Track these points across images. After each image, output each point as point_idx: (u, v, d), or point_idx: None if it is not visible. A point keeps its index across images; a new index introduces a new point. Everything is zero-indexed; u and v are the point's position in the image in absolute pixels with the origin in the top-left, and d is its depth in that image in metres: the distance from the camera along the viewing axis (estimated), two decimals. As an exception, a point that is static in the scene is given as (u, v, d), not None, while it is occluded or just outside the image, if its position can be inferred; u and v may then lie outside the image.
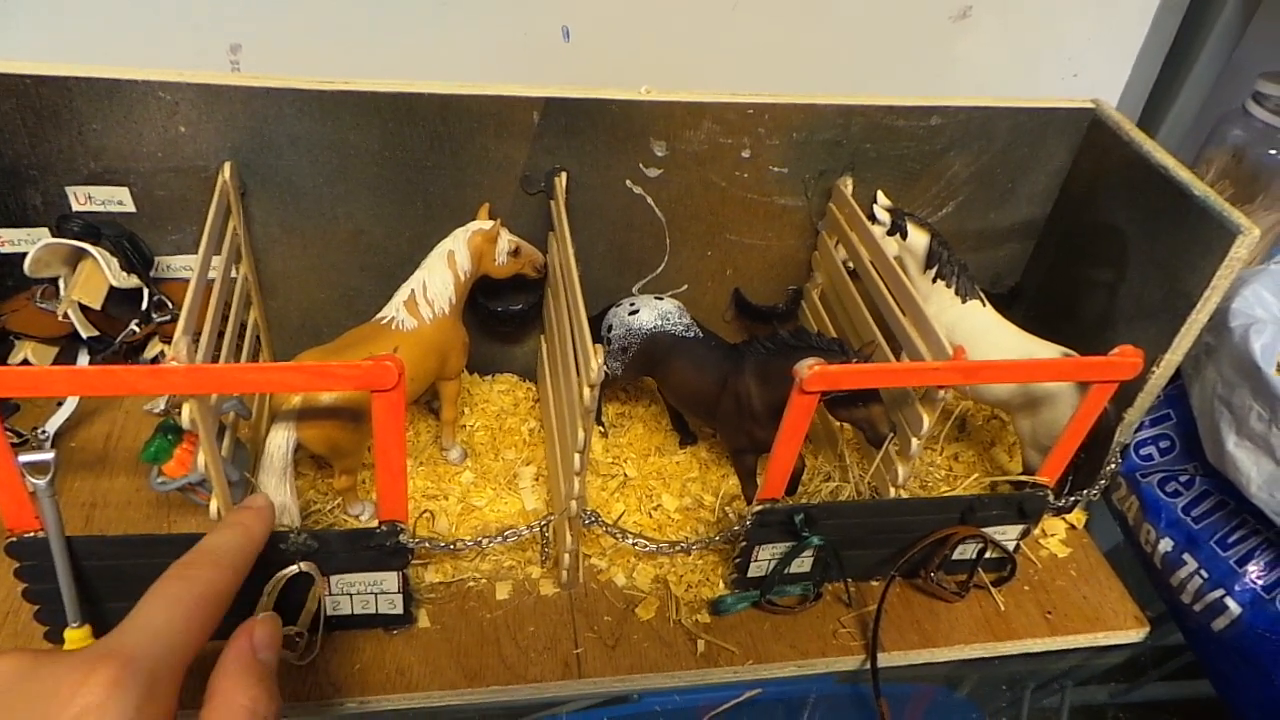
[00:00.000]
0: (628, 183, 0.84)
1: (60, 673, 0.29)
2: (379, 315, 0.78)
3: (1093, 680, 0.81)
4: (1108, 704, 0.79)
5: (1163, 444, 0.86)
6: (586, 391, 0.64)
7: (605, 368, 0.86)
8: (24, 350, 0.79)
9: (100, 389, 0.57)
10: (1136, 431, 0.87)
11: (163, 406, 0.86)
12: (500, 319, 0.89)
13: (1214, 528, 0.78)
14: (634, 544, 0.77)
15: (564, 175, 0.81)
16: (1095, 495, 0.85)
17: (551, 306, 0.85)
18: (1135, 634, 0.82)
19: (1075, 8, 1.14)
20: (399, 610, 0.72)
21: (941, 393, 0.70)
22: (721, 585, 0.80)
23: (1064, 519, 0.89)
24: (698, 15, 1.07)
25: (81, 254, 0.76)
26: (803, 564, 0.78)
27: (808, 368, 0.63)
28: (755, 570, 0.78)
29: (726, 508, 0.86)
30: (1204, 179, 1.24)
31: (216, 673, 0.38)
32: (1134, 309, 0.82)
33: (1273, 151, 1.12)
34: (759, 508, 0.72)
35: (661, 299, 0.85)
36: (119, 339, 0.80)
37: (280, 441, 0.71)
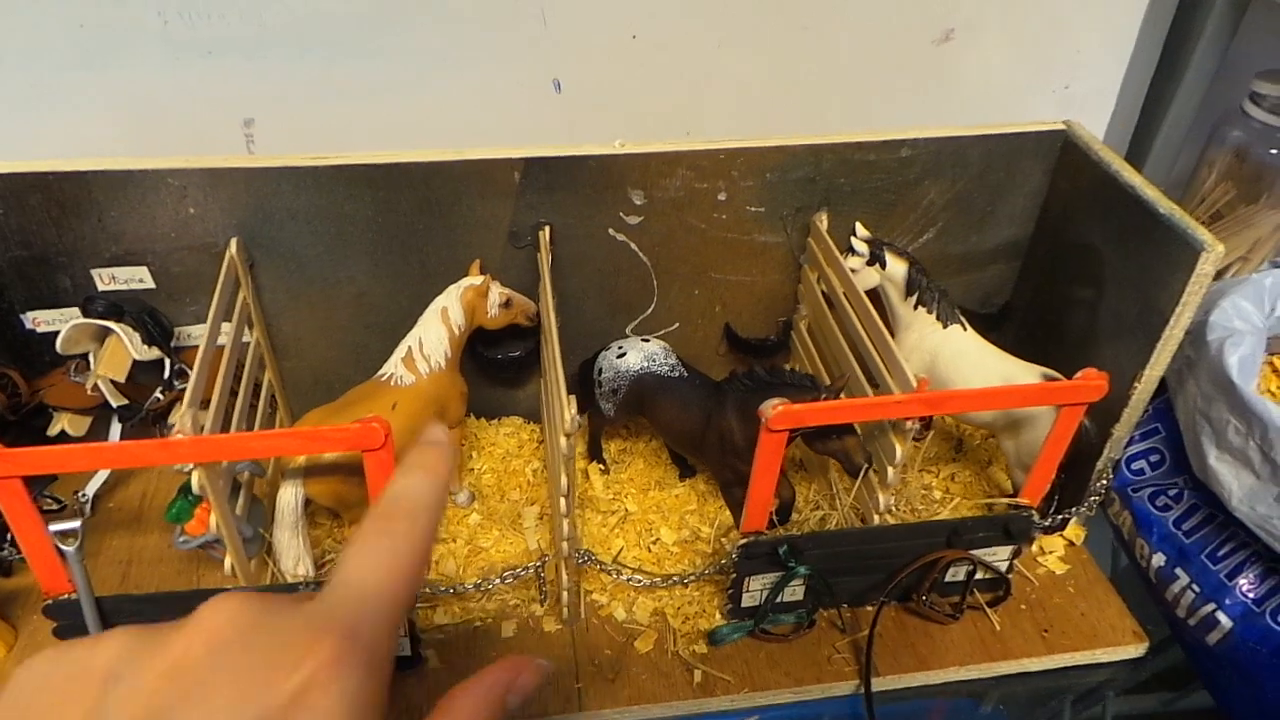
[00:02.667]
0: (610, 231, 0.88)
1: (284, 635, 0.28)
2: (379, 373, 0.83)
3: (1095, 697, 0.82)
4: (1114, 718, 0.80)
5: (1153, 458, 0.86)
6: (563, 440, 0.68)
7: (600, 409, 0.90)
8: (61, 422, 0.86)
9: (116, 463, 0.63)
10: (1127, 446, 0.88)
11: (190, 467, 0.91)
12: (500, 366, 0.94)
13: (1204, 541, 0.79)
14: (629, 580, 0.80)
15: (547, 229, 0.86)
16: (1091, 511, 0.86)
17: (545, 352, 0.89)
18: (1134, 649, 0.82)
19: (1060, 19, 1.15)
20: (407, 652, 0.77)
21: (909, 423, 0.72)
22: (718, 616, 0.83)
23: (1062, 535, 0.90)
24: (683, 56, 1.10)
25: (107, 330, 0.83)
26: (795, 592, 0.80)
27: (772, 408, 0.66)
28: (748, 600, 0.80)
29: (722, 539, 0.89)
30: (1207, 181, 1.24)
31: (460, 690, 0.34)
32: (1114, 326, 0.83)
33: (1274, 151, 1.12)
34: (743, 541, 0.75)
35: (648, 341, 0.89)
36: (145, 406, 0.86)
37: (289, 498, 0.76)
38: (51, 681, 0.28)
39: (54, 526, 0.66)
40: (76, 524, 0.67)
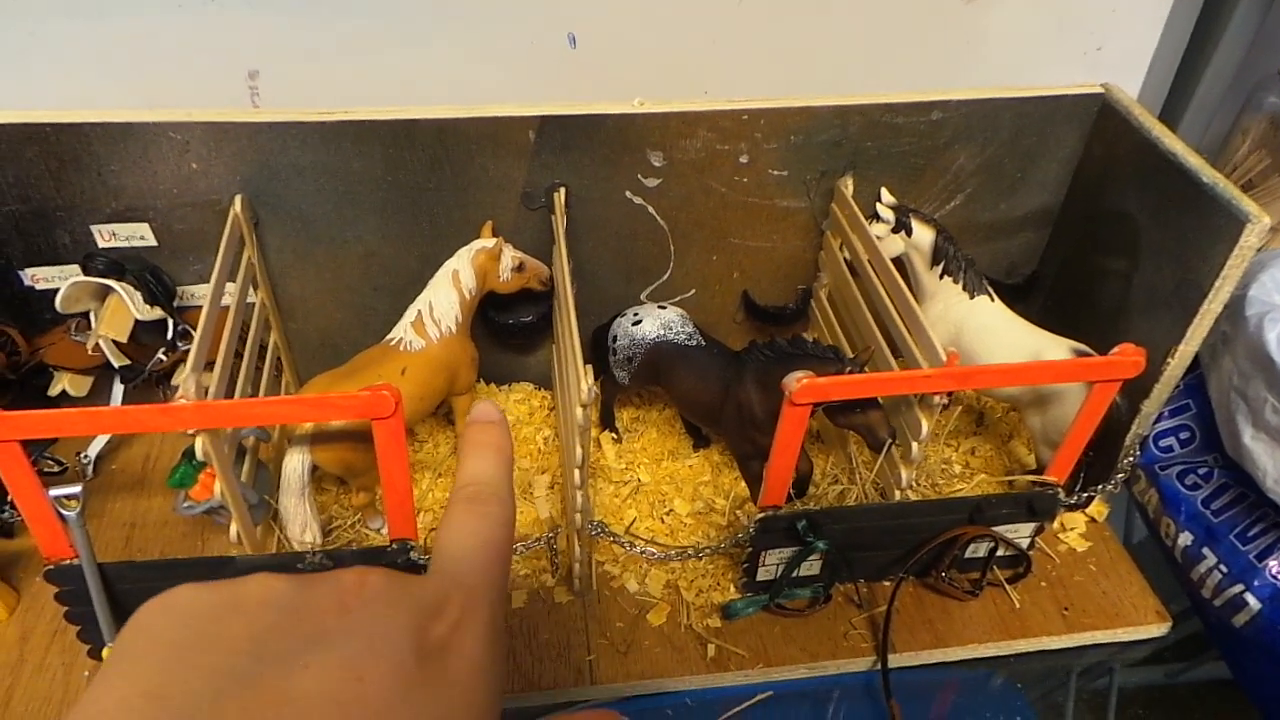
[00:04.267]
0: (628, 193, 0.85)
1: (421, 594, 0.31)
2: (388, 337, 0.81)
3: (1114, 674, 0.81)
4: (1127, 699, 0.79)
5: (1183, 435, 0.84)
6: (579, 411, 0.66)
7: (614, 377, 0.88)
8: (62, 381, 0.84)
9: (117, 428, 0.61)
10: (1156, 422, 0.86)
11: (194, 431, 0.89)
12: (511, 331, 0.91)
13: (1233, 521, 0.77)
14: (642, 552, 0.78)
15: (563, 190, 0.83)
16: (1115, 488, 0.83)
17: (558, 318, 0.87)
18: (1156, 629, 0.81)
19: (1093, -23, 1.10)
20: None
21: (937, 398, 0.69)
22: (732, 589, 0.81)
23: (1084, 512, 0.88)
24: (705, 12, 1.06)
25: (108, 289, 0.80)
26: (811, 567, 0.78)
27: (796, 381, 0.64)
28: (764, 574, 0.79)
29: (737, 510, 0.87)
30: (1241, 148, 1.20)
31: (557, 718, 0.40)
32: (1147, 299, 0.80)
33: (1312, 118, 1.08)
34: (760, 515, 0.73)
35: (665, 308, 0.86)
36: (148, 367, 0.84)
37: (296, 465, 0.75)
38: (197, 607, 0.29)
39: (54, 491, 0.64)
40: (78, 488, 0.65)
